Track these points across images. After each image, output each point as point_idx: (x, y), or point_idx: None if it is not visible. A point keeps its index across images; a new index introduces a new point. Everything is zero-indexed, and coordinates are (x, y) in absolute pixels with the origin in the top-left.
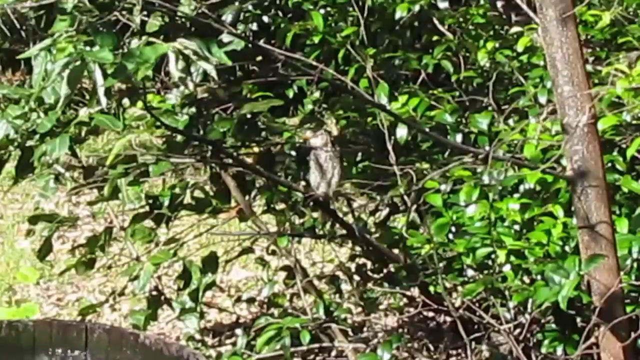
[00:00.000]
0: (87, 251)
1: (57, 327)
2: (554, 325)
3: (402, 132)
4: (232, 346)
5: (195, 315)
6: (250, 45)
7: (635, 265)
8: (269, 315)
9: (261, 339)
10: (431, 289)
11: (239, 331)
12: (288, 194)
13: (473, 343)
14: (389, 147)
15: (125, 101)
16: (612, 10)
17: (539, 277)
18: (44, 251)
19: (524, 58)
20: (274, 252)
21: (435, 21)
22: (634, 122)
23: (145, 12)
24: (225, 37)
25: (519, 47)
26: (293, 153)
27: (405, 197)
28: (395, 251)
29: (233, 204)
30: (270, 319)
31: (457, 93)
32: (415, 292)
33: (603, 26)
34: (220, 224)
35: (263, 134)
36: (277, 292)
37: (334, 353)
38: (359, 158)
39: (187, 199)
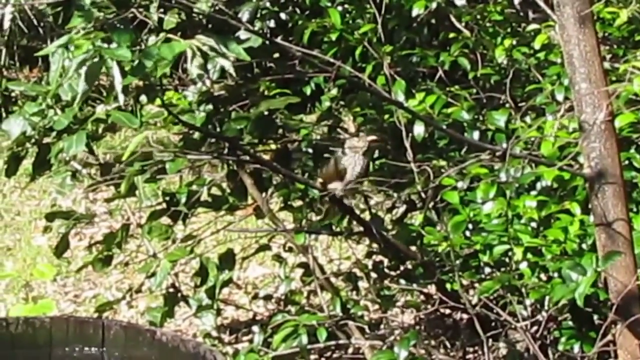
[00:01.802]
0: (104, 248)
1: (73, 323)
2: (570, 323)
3: (419, 129)
4: (249, 343)
5: (212, 312)
6: (267, 42)
7: None
8: (286, 313)
9: (278, 336)
10: (448, 286)
11: (255, 328)
12: (305, 191)
13: (490, 340)
14: (406, 145)
15: (143, 98)
16: (629, 8)
17: (555, 274)
18: (61, 248)
19: (541, 55)
20: (290, 249)
21: (453, 18)
22: None
23: (162, 10)
24: (242, 34)
25: (537, 45)
26: (310, 150)
27: (422, 195)
28: (413, 248)
29: (250, 201)
30: (287, 316)
31: (474, 90)
32: (432, 289)
33: (620, 24)
34: (237, 221)
35: (280, 131)
36: (294, 290)
37: (350, 350)
38: (376, 155)
39: (204, 196)
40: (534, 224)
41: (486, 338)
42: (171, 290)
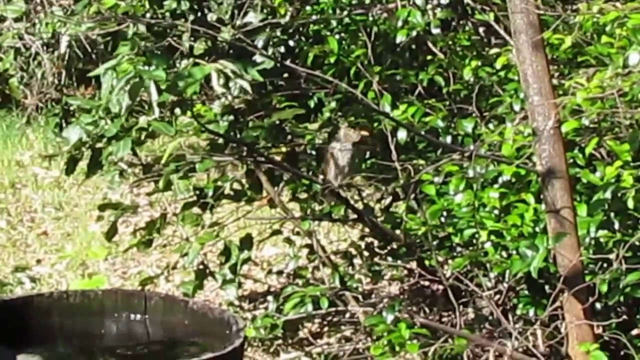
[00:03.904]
0: (146, 233)
1: (121, 295)
2: (526, 292)
3: (402, 134)
4: (264, 310)
5: (234, 285)
6: (278, 64)
7: (592, 242)
8: (295, 285)
9: (288, 304)
10: (426, 262)
11: (270, 298)
12: (309, 185)
13: (461, 307)
14: (392, 147)
15: (177, 110)
16: (573, 35)
17: (514, 252)
18: (111, 233)
19: (501, 74)
20: (298, 233)
21: (429, 44)
22: (591, 125)
23: (192, 38)
24: (258, 58)
25: (498, 65)
26: (313, 152)
27: (405, 188)
28: (397, 232)
29: (265, 194)
30: (295, 288)
31: (447, 102)
32: (413, 265)
33: (566, 48)
34: (255, 210)
35: (289, 137)
36: (301, 266)
37: (347, 315)
38: (367, 156)
39: (227, 190)
40: (496, 211)
41: (458, 305)
42: (201, 267)
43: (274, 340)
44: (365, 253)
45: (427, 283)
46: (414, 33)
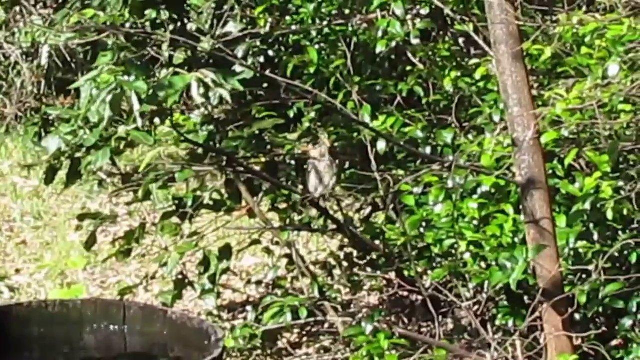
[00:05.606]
0: (125, 242)
1: (100, 305)
2: (506, 303)
3: (381, 145)
4: (243, 320)
5: (213, 295)
6: (258, 74)
7: (572, 253)
8: (274, 295)
9: (267, 314)
10: (406, 273)
11: (249, 308)
12: (289, 195)
13: (440, 317)
14: (371, 157)
15: (156, 120)
16: (552, 46)
17: (493, 263)
18: (90, 243)
19: (481, 84)
20: (277, 243)
21: (409, 54)
22: (571, 136)
23: (172, 48)
24: (237, 68)
25: (477, 76)
26: (293, 162)
27: (385, 198)
28: (377, 242)
29: (244, 204)
30: (274, 298)
31: (427, 113)
32: (392, 275)
33: (545, 59)
34: (234, 220)
35: (268, 146)
36: (280, 276)
37: (326, 325)
38: (347, 166)
39: (207, 200)
40: (475, 222)
41: (437, 315)
42: (180, 277)
43: (253, 351)
44: (345, 263)
45: (406, 293)
46: (394, 43)
